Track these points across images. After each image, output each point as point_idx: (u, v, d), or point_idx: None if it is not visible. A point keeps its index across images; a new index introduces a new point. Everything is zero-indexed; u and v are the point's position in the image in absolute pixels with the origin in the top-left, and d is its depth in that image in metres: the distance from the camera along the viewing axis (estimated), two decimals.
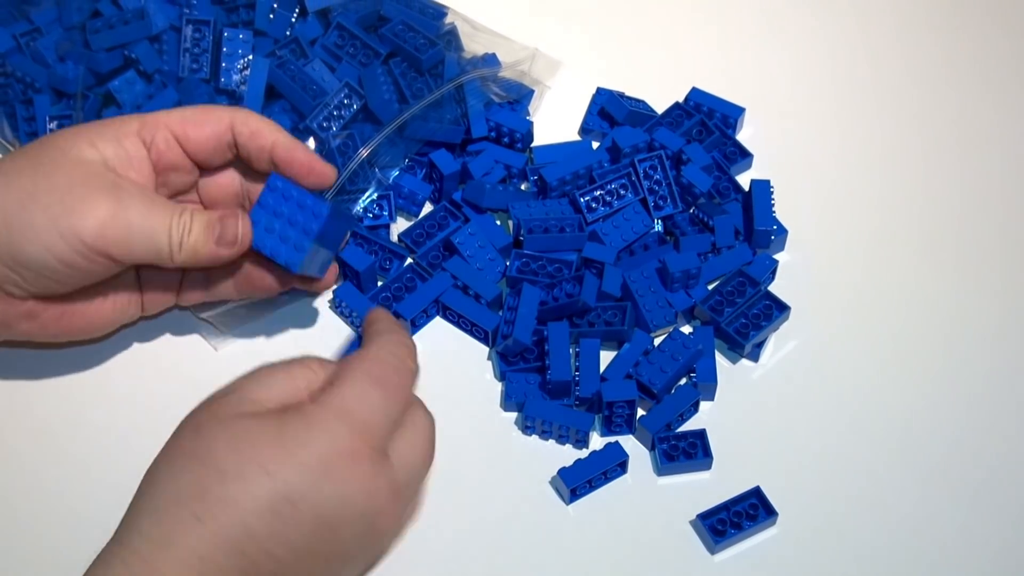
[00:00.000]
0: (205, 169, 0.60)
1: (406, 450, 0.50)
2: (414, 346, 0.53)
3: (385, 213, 0.67)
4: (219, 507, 0.45)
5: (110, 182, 0.54)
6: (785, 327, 0.64)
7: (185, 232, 0.55)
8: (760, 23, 0.79)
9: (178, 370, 0.63)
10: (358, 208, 0.66)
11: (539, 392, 0.61)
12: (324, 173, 0.58)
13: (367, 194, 0.66)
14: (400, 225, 0.68)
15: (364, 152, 0.65)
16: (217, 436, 0.47)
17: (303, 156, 0.58)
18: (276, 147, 0.58)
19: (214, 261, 0.56)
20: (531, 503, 0.59)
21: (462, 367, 0.64)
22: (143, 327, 0.64)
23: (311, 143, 0.66)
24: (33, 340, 0.60)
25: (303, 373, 0.51)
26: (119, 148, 0.56)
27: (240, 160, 0.60)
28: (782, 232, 0.67)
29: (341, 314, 0.65)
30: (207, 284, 0.61)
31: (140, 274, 0.60)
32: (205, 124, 0.58)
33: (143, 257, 0.55)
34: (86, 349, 0.63)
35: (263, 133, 0.58)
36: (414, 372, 0.53)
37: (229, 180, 0.61)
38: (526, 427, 0.61)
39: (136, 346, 0.64)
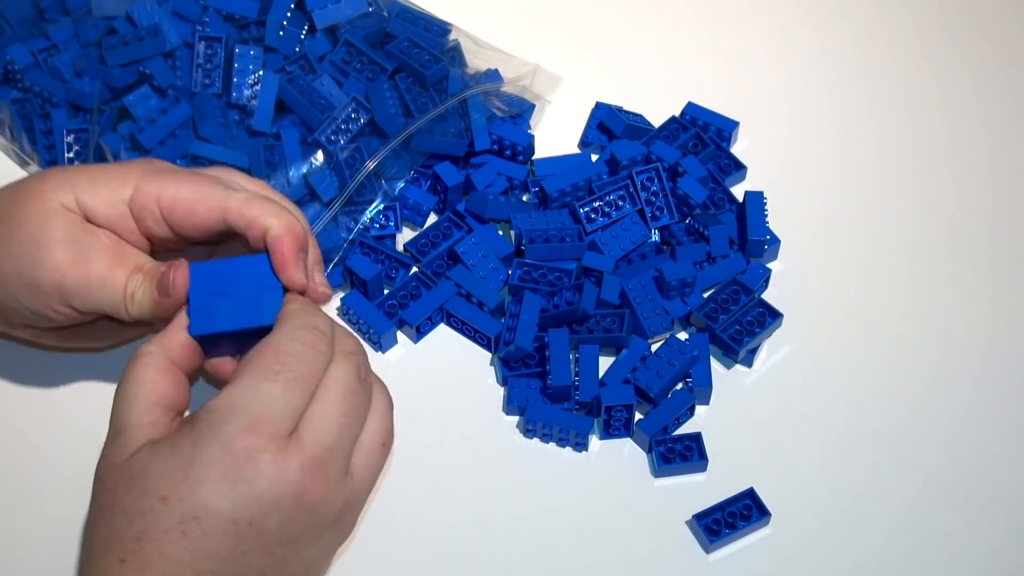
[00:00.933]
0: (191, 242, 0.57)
1: (318, 422, 0.47)
2: (328, 322, 0.50)
3: (391, 223, 0.67)
4: (134, 545, 0.45)
5: (80, 235, 0.53)
6: (778, 334, 0.64)
7: (137, 286, 0.53)
8: (754, 41, 0.79)
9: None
10: (365, 218, 0.66)
11: (540, 396, 0.61)
12: (316, 294, 0.52)
13: (374, 205, 0.66)
14: (405, 235, 0.68)
15: (371, 164, 0.65)
16: (117, 482, 0.47)
17: (288, 253, 0.52)
18: (273, 248, 0.52)
19: (158, 314, 0.53)
20: (532, 503, 0.59)
21: (465, 372, 0.64)
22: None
23: (319, 156, 0.66)
24: (40, 345, 0.60)
25: (155, 369, 0.49)
26: (103, 205, 0.54)
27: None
28: (775, 242, 0.67)
29: (349, 321, 0.65)
30: None
31: None
32: (197, 212, 0.53)
33: (104, 309, 0.53)
34: (89, 366, 0.63)
35: (258, 222, 0.52)
36: (328, 353, 0.49)
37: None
38: (527, 430, 0.61)
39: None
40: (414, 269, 0.67)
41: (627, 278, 0.64)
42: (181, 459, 0.46)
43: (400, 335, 0.65)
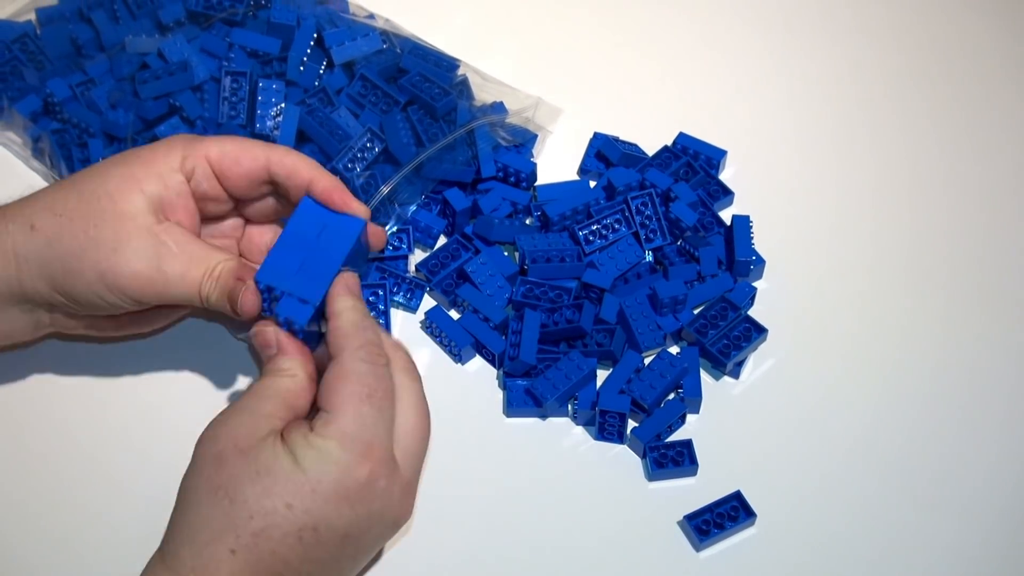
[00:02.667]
0: (241, 200, 0.59)
1: (407, 441, 0.51)
2: (375, 330, 0.52)
3: (404, 245, 0.67)
4: (250, 541, 0.47)
5: (149, 234, 0.54)
6: (763, 347, 0.65)
7: (211, 291, 0.54)
8: (740, 77, 0.80)
9: (218, 382, 0.63)
10: None
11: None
12: (358, 211, 0.56)
13: (387, 227, 0.67)
14: (417, 256, 0.68)
15: (385, 190, 0.66)
16: (240, 470, 0.48)
17: (339, 195, 0.56)
18: (313, 185, 0.56)
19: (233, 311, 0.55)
20: (532, 503, 0.59)
21: (468, 376, 0.64)
22: (186, 344, 0.64)
23: None
24: (90, 337, 0.61)
25: (286, 385, 0.51)
26: (164, 189, 0.55)
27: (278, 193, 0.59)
28: (760, 262, 0.67)
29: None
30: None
31: None
32: (242, 162, 0.56)
33: (175, 303, 0.55)
34: (128, 365, 0.63)
35: (300, 172, 0.56)
36: (386, 362, 0.51)
37: (267, 204, 0.60)
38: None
39: (176, 362, 0.64)
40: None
41: (623, 296, 0.64)
42: (308, 475, 0.47)
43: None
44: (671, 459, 0.60)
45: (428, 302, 0.68)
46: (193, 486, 0.49)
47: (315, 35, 0.71)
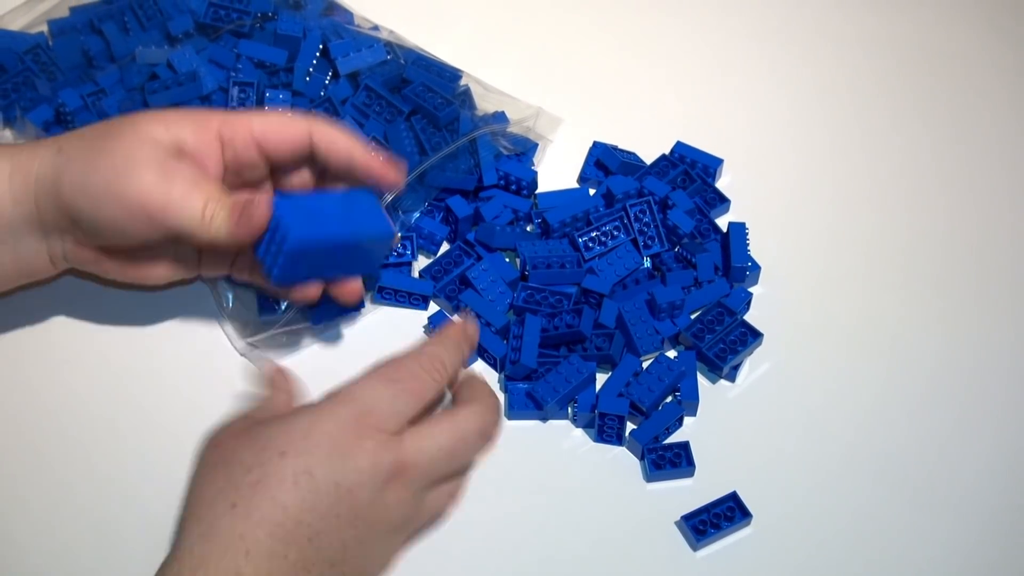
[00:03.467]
0: (280, 169, 0.59)
1: (423, 440, 0.50)
2: (455, 362, 0.53)
3: (408, 252, 0.67)
4: (248, 491, 0.47)
5: (164, 158, 0.54)
6: (759, 351, 0.65)
7: (217, 210, 0.54)
8: (737, 87, 0.80)
9: (222, 391, 0.62)
10: None
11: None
12: (395, 178, 0.58)
13: None
14: (421, 262, 0.69)
15: (389, 197, 0.65)
16: (238, 442, 0.49)
17: (379, 164, 0.57)
18: (354, 157, 0.57)
19: (233, 241, 0.55)
20: (532, 504, 0.60)
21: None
22: (190, 348, 0.65)
23: None
24: (99, 276, 0.61)
25: (281, 399, 0.53)
26: (195, 137, 0.56)
27: (316, 161, 0.59)
28: (756, 268, 0.67)
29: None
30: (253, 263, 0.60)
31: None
32: (285, 134, 0.57)
33: (177, 227, 0.54)
34: (134, 366, 0.63)
35: (340, 144, 0.57)
36: (442, 384, 0.52)
37: (303, 173, 0.60)
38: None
39: (178, 366, 0.64)
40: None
41: (622, 301, 0.65)
42: (301, 424, 0.48)
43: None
44: (669, 461, 0.60)
45: (432, 307, 0.68)
46: (194, 477, 0.49)
47: (321, 46, 0.71)
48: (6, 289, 0.61)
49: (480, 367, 0.65)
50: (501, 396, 0.64)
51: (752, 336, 0.64)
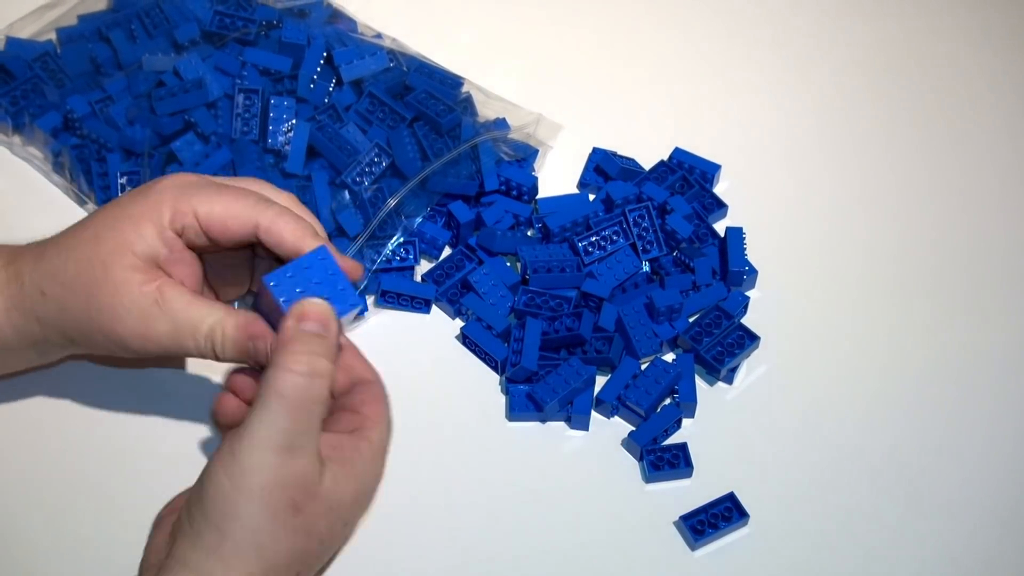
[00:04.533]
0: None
1: (336, 497, 0.49)
2: (329, 361, 0.48)
3: (411, 256, 0.67)
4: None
5: (143, 302, 0.52)
6: (756, 354, 0.65)
7: (218, 344, 0.52)
8: (734, 94, 0.80)
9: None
10: (387, 251, 0.66)
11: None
12: (352, 272, 0.53)
13: (394, 239, 0.67)
14: (423, 267, 0.69)
15: (392, 202, 0.66)
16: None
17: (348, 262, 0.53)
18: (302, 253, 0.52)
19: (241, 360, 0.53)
20: (532, 505, 0.60)
21: (471, 381, 0.64)
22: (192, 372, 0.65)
23: (346, 196, 0.66)
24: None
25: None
26: (156, 248, 0.53)
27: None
28: (753, 272, 0.68)
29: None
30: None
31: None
32: (229, 227, 0.53)
33: (184, 355, 0.55)
34: (123, 376, 0.63)
35: (287, 243, 0.52)
36: (325, 397, 0.48)
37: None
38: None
39: (178, 370, 0.64)
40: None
41: (621, 305, 0.65)
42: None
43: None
44: (667, 462, 0.61)
45: (434, 310, 0.68)
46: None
47: (325, 54, 0.71)
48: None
49: (480, 370, 0.66)
50: (502, 399, 0.64)
51: (749, 339, 0.64)
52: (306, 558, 0.49)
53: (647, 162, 0.74)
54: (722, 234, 0.69)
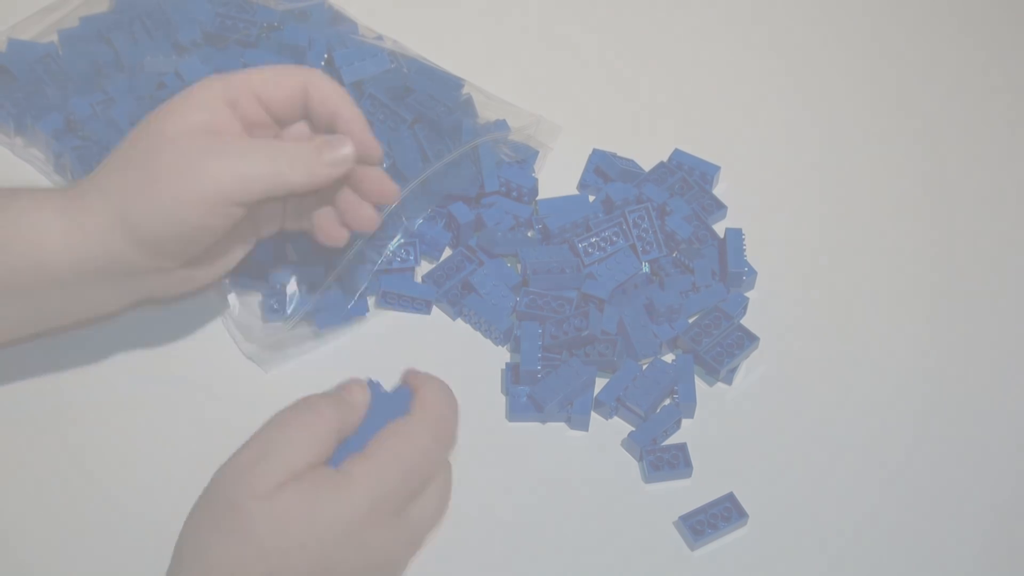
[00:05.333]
0: (282, 123, 0.59)
1: (422, 513, 0.49)
2: (453, 420, 0.50)
3: (411, 258, 0.67)
4: None
5: (211, 144, 0.53)
6: (755, 355, 0.65)
7: (296, 159, 0.53)
8: (734, 96, 0.80)
9: (229, 393, 0.63)
10: (388, 250, 0.66)
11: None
12: (371, 148, 0.57)
13: (395, 239, 0.67)
14: (424, 268, 0.68)
15: (392, 204, 0.65)
16: (257, 516, 0.45)
17: (360, 128, 0.56)
18: (340, 113, 0.56)
19: (328, 180, 0.55)
20: (532, 505, 0.60)
21: (472, 382, 0.64)
22: (195, 352, 0.65)
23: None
24: (154, 297, 0.60)
25: (320, 426, 0.47)
26: (210, 118, 0.55)
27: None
28: (752, 273, 0.68)
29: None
30: (302, 214, 0.59)
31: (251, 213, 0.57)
32: (283, 85, 0.56)
33: (264, 193, 0.54)
34: (129, 373, 0.63)
35: (329, 99, 0.56)
36: (442, 448, 0.49)
37: (301, 130, 0.59)
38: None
39: (184, 369, 0.64)
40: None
41: (620, 306, 0.65)
42: (323, 513, 0.46)
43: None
44: (667, 462, 0.61)
45: (435, 311, 0.68)
46: (198, 529, 0.47)
47: (326, 55, 0.71)
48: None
49: (481, 370, 0.66)
50: (503, 399, 0.64)
51: (748, 340, 0.64)
52: None
53: (647, 163, 0.74)
54: (721, 235, 0.69)
